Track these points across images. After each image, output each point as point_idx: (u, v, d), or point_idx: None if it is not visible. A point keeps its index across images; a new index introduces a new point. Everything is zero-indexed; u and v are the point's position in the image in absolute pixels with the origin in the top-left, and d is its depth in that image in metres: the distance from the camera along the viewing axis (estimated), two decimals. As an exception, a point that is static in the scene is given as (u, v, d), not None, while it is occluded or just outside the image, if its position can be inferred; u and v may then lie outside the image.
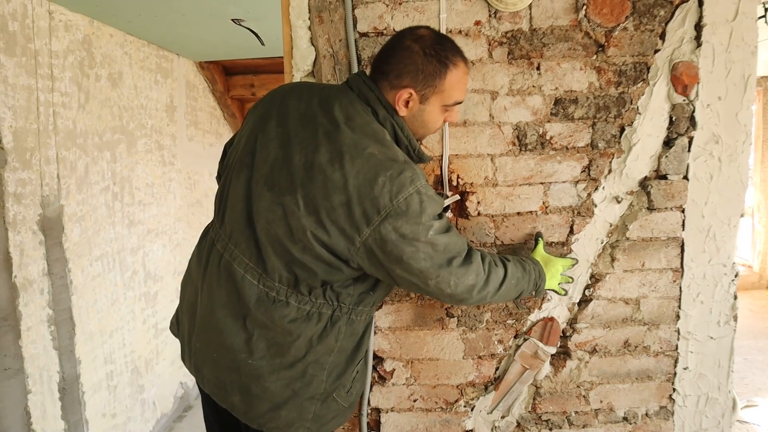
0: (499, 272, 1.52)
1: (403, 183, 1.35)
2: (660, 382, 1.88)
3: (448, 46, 1.44)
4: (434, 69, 1.42)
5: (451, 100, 1.47)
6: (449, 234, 1.43)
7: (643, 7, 1.70)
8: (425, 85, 1.43)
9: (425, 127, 1.51)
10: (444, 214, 1.47)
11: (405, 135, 1.48)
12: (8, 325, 2.52)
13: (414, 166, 1.40)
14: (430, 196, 1.39)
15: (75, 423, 2.99)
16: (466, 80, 1.49)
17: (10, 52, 2.54)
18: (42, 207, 2.75)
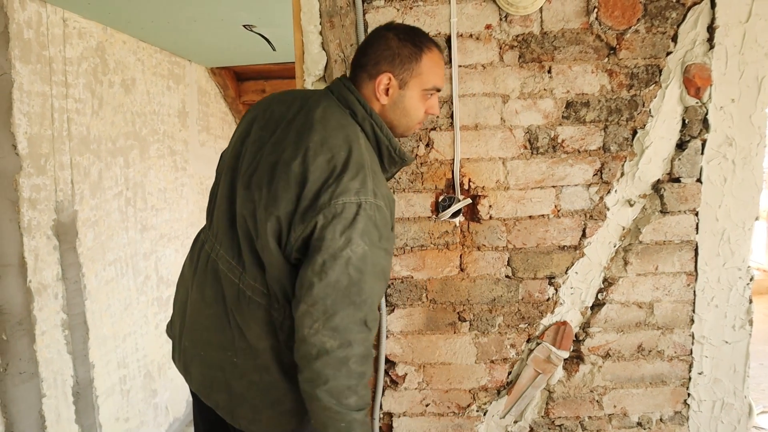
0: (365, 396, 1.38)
1: (347, 189, 1.34)
2: (674, 387, 1.87)
3: (420, 33, 1.49)
4: (409, 52, 1.45)
5: (429, 84, 1.48)
6: (374, 276, 1.36)
7: (654, 9, 1.69)
8: (402, 68, 1.45)
9: (407, 115, 1.50)
10: (385, 255, 1.40)
11: (384, 134, 1.47)
12: (23, 329, 2.54)
13: (373, 180, 1.37)
14: (370, 216, 1.34)
15: (89, 427, 3.00)
16: (442, 66, 1.51)
17: (26, 59, 2.57)
18: (56, 212, 2.77)
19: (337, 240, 1.32)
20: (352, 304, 1.34)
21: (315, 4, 1.73)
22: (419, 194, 1.79)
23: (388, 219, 1.40)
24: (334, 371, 1.34)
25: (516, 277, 1.82)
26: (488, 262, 1.81)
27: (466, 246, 1.81)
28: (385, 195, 1.40)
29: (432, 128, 1.76)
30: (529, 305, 1.83)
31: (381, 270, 1.38)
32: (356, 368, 1.35)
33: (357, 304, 1.35)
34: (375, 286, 1.37)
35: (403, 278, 1.83)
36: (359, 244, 1.33)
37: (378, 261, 1.36)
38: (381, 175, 1.44)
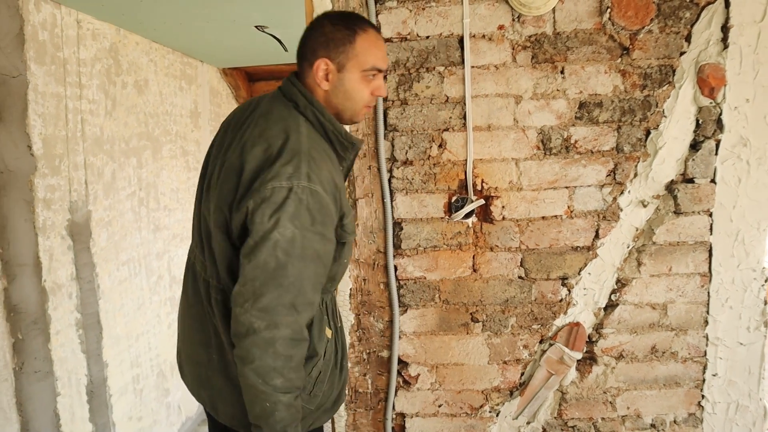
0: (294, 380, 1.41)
1: (279, 174, 1.37)
2: (688, 388, 1.86)
3: (354, 16, 1.52)
4: (343, 35, 1.47)
5: (367, 65, 1.48)
6: (291, 259, 1.37)
7: (668, 9, 1.69)
8: (337, 51, 1.47)
9: (350, 98, 1.51)
10: (320, 239, 1.41)
11: (327, 119, 1.50)
12: (38, 328, 2.56)
13: (310, 165, 1.39)
14: (301, 200, 1.37)
15: (102, 425, 3.02)
16: (380, 46, 1.51)
17: (40, 60, 2.59)
18: (70, 212, 2.80)
19: (265, 223, 1.35)
20: (280, 286, 1.37)
21: (328, 6, 1.73)
22: (432, 195, 1.79)
23: (326, 203, 1.40)
24: (260, 351, 1.37)
25: (529, 277, 1.81)
26: (501, 263, 1.81)
27: (479, 247, 1.81)
28: (325, 180, 1.41)
29: (445, 129, 1.77)
30: (542, 306, 1.83)
31: (314, 254, 1.39)
32: (283, 350, 1.38)
33: (285, 287, 1.37)
34: (305, 270, 1.38)
35: (416, 279, 1.83)
36: (288, 227, 1.35)
37: (309, 245, 1.38)
38: (326, 162, 1.45)
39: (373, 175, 1.79)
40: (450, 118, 1.76)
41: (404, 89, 1.75)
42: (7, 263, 2.40)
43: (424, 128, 1.77)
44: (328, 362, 1.63)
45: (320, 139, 1.50)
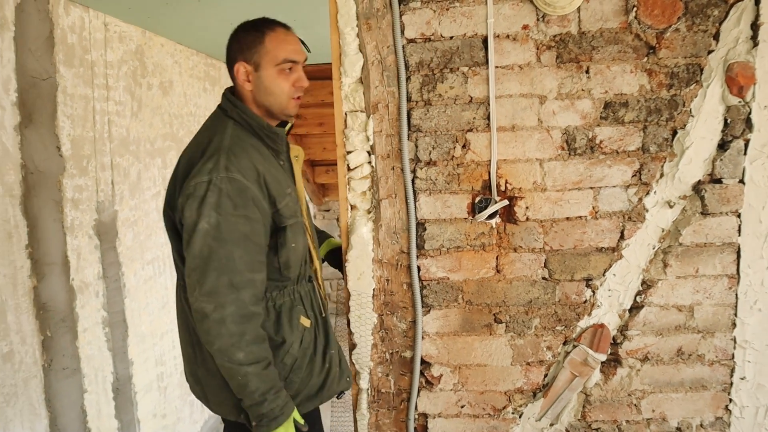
0: (256, 351, 1.55)
1: (201, 171, 1.54)
2: (715, 392, 1.83)
3: (263, 20, 1.68)
4: (253, 37, 1.64)
5: (279, 59, 1.62)
6: (220, 243, 1.51)
7: (695, 7, 1.66)
8: (250, 53, 1.63)
9: (271, 92, 1.65)
10: (246, 222, 1.55)
11: (249, 116, 1.65)
12: (66, 326, 2.61)
13: (229, 158, 1.55)
14: (221, 190, 1.51)
15: (128, 422, 3.07)
16: (290, 41, 1.65)
17: (69, 63, 2.64)
18: (97, 212, 2.84)
19: (193, 216, 1.52)
20: (216, 269, 1.51)
21: (352, 6, 1.74)
22: (455, 195, 1.79)
23: (246, 188, 1.54)
24: (216, 332, 1.52)
25: (553, 278, 1.80)
26: (525, 264, 1.80)
27: (502, 247, 1.80)
28: (245, 168, 1.55)
29: (469, 129, 1.76)
30: (566, 307, 1.82)
31: (241, 235, 1.53)
32: (234, 327, 1.52)
33: (220, 269, 1.52)
34: (235, 251, 1.52)
35: (439, 279, 1.83)
36: (212, 215, 1.51)
37: (235, 228, 1.53)
38: (250, 154, 1.60)
39: (397, 175, 1.80)
40: (474, 119, 1.76)
41: (428, 90, 1.75)
42: (37, 262, 2.44)
43: (448, 129, 1.77)
44: (306, 350, 1.74)
45: (248, 137, 1.65)
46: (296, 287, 1.74)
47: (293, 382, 1.71)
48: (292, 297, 1.72)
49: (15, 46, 2.33)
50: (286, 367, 1.69)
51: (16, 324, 2.33)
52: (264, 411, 1.57)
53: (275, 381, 1.59)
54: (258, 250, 1.58)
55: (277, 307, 1.69)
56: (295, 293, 1.73)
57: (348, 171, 1.83)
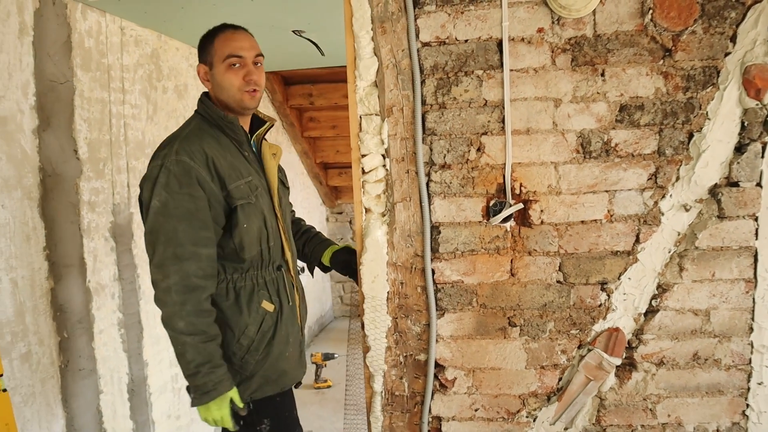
0: (196, 323, 1.68)
1: (156, 157, 1.74)
2: (732, 397, 1.82)
3: (220, 26, 1.86)
4: (206, 40, 1.85)
5: (224, 54, 1.79)
6: (167, 218, 1.68)
7: (712, 9, 1.66)
8: (205, 55, 1.84)
9: (223, 87, 1.82)
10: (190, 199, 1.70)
11: (209, 109, 1.84)
12: (82, 327, 2.64)
13: (182, 143, 1.73)
14: (170, 171, 1.69)
15: (142, 423, 3.09)
16: (236, 38, 1.83)
17: (86, 67, 2.67)
18: (113, 215, 2.87)
19: (147, 196, 1.72)
20: (162, 243, 1.68)
21: (367, 10, 1.75)
22: (470, 199, 1.79)
23: (192, 168, 1.69)
24: (162, 301, 1.70)
25: (567, 282, 1.80)
26: (539, 267, 1.80)
27: (516, 251, 1.80)
28: (195, 151, 1.72)
29: (483, 133, 1.76)
30: (581, 311, 1.81)
31: (185, 211, 1.69)
32: (177, 297, 1.67)
33: (165, 242, 1.68)
34: (179, 225, 1.68)
35: (453, 282, 1.83)
36: (161, 193, 1.68)
37: (180, 204, 1.68)
38: (204, 141, 1.76)
39: (411, 179, 1.80)
40: (488, 122, 1.76)
41: (443, 93, 1.76)
42: (54, 264, 2.47)
43: (463, 132, 1.77)
44: (265, 334, 1.84)
45: (209, 128, 1.83)
46: (261, 272, 1.86)
47: (248, 363, 1.82)
48: (254, 281, 1.84)
49: (34, 50, 2.37)
50: (242, 348, 1.81)
51: (34, 325, 2.36)
52: (197, 383, 1.69)
53: (213, 357, 1.70)
54: (202, 225, 1.71)
55: (237, 288, 1.82)
56: (258, 278, 1.85)
57: (363, 174, 1.84)
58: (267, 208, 1.87)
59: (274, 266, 1.90)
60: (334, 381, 4.93)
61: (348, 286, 7.11)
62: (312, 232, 2.28)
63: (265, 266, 1.87)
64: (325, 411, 4.44)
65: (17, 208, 2.28)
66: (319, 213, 6.74)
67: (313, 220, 6.35)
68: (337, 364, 5.16)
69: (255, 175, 1.86)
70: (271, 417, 1.90)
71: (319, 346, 6.03)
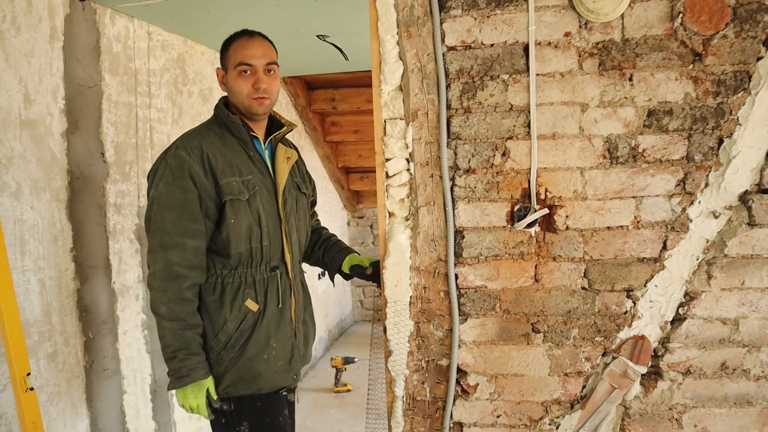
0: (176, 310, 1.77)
1: (163, 151, 1.86)
2: (761, 408, 1.78)
3: (239, 31, 1.97)
4: (225, 47, 1.96)
5: (236, 62, 1.89)
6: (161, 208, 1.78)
7: (745, 13, 1.63)
8: (223, 61, 1.96)
9: (234, 93, 1.92)
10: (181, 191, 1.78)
11: (220, 112, 1.93)
12: (107, 328, 2.67)
13: (183, 139, 1.86)
14: (169, 163, 1.80)
15: (165, 424, 3.12)
16: (248, 46, 1.91)
17: (114, 71, 2.71)
18: (138, 217, 2.90)
19: (149, 187, 1.85)
20: (153, 231, 1.80)
21: (392, 14, 1.75)
22: (494, 203, 1.78)
23: (185, 161, 1.79)
24: (150, 285, 1.79)
25: (592, 289, 1.78)
26: (564, 273, 1.78)
27: (541, 256, 1.78)
28: (192, 147, 1.82)
29: (508, 137, 1.75)
30: (606, 318, 1.79)
31: (175, 202, 1.77)
32: (161, 283, 1.76)
33: (155, 230, 1.79)
34: (168, 215, 1.77)
35: (477, 288, 1.82)
36: (158, 184, 1.79)
37: (171, 195, 1.78)
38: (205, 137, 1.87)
39: (435, 183, 1.80)
40: (514, 127, 1.75)
41: (468, 97, 1.75)
42: (80, 265, 2.50)
43: (488, 136, 1.76)
44: (243, 332, 1.87)
45: (218, 127, 1.92)
46: (250, 270, 1.90)
47: (223, 359, 1.86)
48: (242, 279, 1.89)
49: (64, 55, 2.41)
50: (219, 344, 1.86)
51: (60, 325, 2.39)
52: (173, 367, 1.77)
53: (190, 344, 1.77)
54: (190, 218, 1.78)
55: (224, 284, 1.87)
56: (247, 276, 1.89)
57: (386, 178, 1.84)
58: (267, 208, 1.91)
59: (267, 266, 1.93)
60: (354, 385, 4.93)
61: (369, 290, 7.11)
62: (332, 241, 2.29)
63: (256, 265, 1.90)
64: (345, 415, 4.44)
65: (46, 210, 2.31)
66: (341, 217, 6.76)
67: (334, 224, 6.37)
68: (357, 368, 5.16)
69: (257, 175, 1.92)
70: (249, 421, 1.92)
71: (339, 349, 6.04)
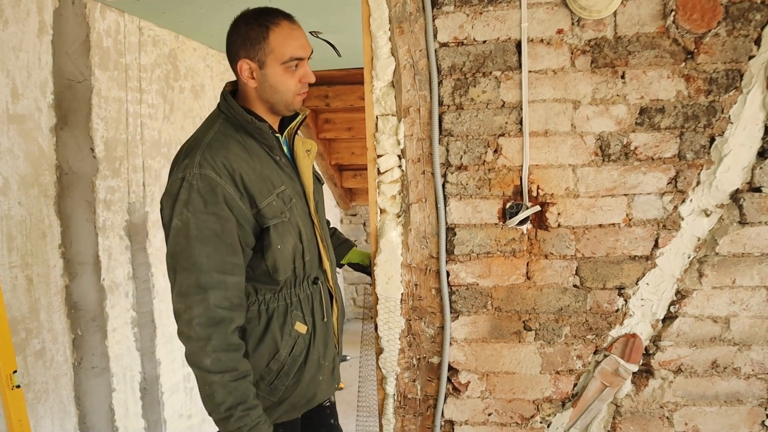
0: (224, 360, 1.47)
1: (178, 169, 1.50)
2: (751, 406, 1.78)
3: (267, 11, 1.58)
4: (256, 33, 1.55)
5: (286, 57, 1.56)
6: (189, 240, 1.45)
7: (736, 11, 1.63)
8: (255, 50, 1.55)
9: (277, 90, 1.60)
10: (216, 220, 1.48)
11: (236, 112, 1.58)
12: (96, 325, 2.65)
13: (204, 153, 1.50)
14: (193, 186, 1.46)
15: (154, 422, 3.10)
16: (296, 36, 1.58)
17: (104, 66, 2.69)
18: (128, 213, 2.88)
19: (167, 214, 1.49)
20: (185, 269, 1.45)
21: (385, 10, 1.74)
22: (486, 201, 1.77)
23: (218, 184, 1.47)
24: (186, 334, 1.46)
25: (584, 286, 1.78)
26: (556, 271, 1.78)
27: (533, 254, 1.78)
28: (219, 165, 1.49)
29: (501, 134, 1.75)
30: (597, 316, 1.79)
31: (211, 234, 1.46)
32: (201, 331, 1.44)
33: (188, 269, 1.45)
34: (204, 250, 1.45)
35: (468, 285, 1.82)
36: (183, 213, 1.45)
37: (204, 225, 1.45)
38: (229, 150, 1.53)
39: (427, 180, 1.79)
40: (506, 124, 1.74)
41: (460, 94, 1.74)
42: (69, 262, 2.48)
43: (480, 133, 1.75)
44: (297, 358, 1.67)
45: (235, 132, 1.59)
46: (294, 290, 1.67)
47: (277, 389, 1.66)
48: (287, 301, 1.66)
49: (52, 49, 2.38)
50: (272, 373, 1.64)
51: (48, 322, 2.37)
52: (230, 429, 1.47)
53: (246, 397, 1.48)
54: (230, 251, 1.50)
55: (270, 311, 1.64)
56: (292, 297, 1.67)
57: (378, 175, 1.83)
58: (302, 217, 1.68)
59: (309, 281, 1.72)
60: (345, 383, 4.92)
61: (361, 288, 7.11)
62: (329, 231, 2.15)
63: (299, 283, 1.68)
64: (336, 413, 4.43)
65: (33, 206, 2.29)
66: (334, 215, 6.75)
67: (326, 222, 6.36)
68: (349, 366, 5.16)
69: (288, 182, 1.66)
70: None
71: (330, 348, 6.02)
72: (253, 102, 1.65)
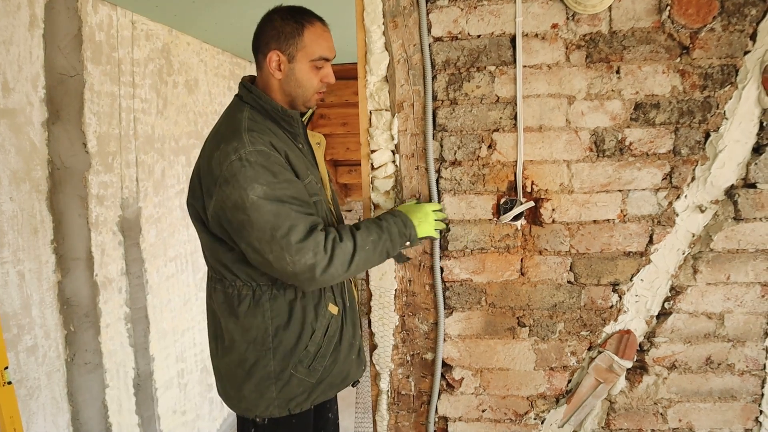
0: (346, 247, 1.54)
1: (227, 152, 1.52)
2: (745, 402, 1.78)
3: (303, 10, 1.66)
4: (292, 28, 1.62)
5: (315, 55, 1.64)
6: (278, 204, 1.49)
7: (732, 6, 1.62)
8: (287, 44, 1.62)
9: (301, 85, 1.67)
10: (289, 186, 1.53)
11: (265, 101, 1.65)
12: (89, 321, 2.63)
13: (250, 135, 1.54)
14: (253, 162, 1.50)
15: (148, 418, 3.09)
16: (327, 38, 1.67)
17: (96, 60, 2.66)
18: (122, 209, 2.87)
19: (238, 196, 1.49)
20: (291, 227, 1.49)
21: (378, 5, 1.72)
22: (480, 196, 1.76)
23: (275, 156, 1.54)
24: (333, 270, 1.52)
25: (578, 283, 1.77)
26: (550, 267, 1.77)
27: (527, 250, 1.77)
28: (268, 143, 1.55)
29: (495, 129, 1.74)
30: (592, 312, 1.78)
31: (290, 196, 1.52)
32: (342, 256, 1.54)
33: (291, 225, 1.49)
34: (291, 211, 1.50)
35: (462, 281, 1.81)
36: (255, 187, 1.48)
37: (283, 192, 1.51)
38: (267, 135, 1.58)
39: (421, 175, 1.78)
40: (500, 119, 1.73)
41: (454, 89, 1.73)
42: (62, 257, 2.47)
43: (474, 128, 1.74)
44: (332, 338, 1.73)
45: (264, 120, 1.65)
46: None
47: (316, 369, 1.70)
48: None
49: (44, 43, 2.36)
50: (309, 355, 1.68)
51: (40, 318, 2.35)
52: (405, 232, 1.63)
53: (380, 226, 1.61)
54: (308, 199, 1.59)
55: (305, 293, 1.67)
56: None
57: (372, 170, 1.81)
58: (325, 202, 1.75)
59: None
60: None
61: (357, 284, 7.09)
62: None
63: None
64: (331, 409, 4.42)
65: (25, 201, 2.27)
66: (328, 211, 6.73)
67: (321, 217, 6.34)
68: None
69: (312, 170, 1.73)
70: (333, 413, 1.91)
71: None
72: (275, 93, 1.69)
